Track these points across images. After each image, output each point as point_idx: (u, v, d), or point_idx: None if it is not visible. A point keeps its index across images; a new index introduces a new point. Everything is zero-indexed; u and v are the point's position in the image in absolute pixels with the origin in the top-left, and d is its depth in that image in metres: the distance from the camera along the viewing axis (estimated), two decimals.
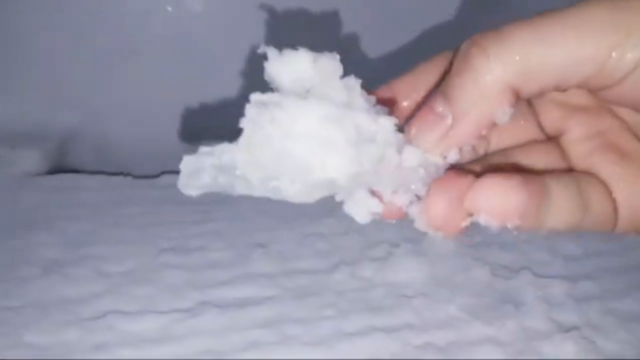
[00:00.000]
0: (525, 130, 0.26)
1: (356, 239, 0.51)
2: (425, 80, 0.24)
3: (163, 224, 0.55)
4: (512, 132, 0.26)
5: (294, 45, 0.23)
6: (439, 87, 0.22)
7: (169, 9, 0.79)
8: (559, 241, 0.50)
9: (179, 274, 0.45)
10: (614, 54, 0.18)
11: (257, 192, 0.21)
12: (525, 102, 0.26)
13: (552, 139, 0.26)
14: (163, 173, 0.70)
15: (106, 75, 0.78)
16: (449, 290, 0.42)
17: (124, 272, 0.45)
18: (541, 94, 0.21)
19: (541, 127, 0.26)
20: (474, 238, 0.50)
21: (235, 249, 0.49)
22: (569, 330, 0.36)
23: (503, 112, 0.20)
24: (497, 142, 0.26)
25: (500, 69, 0.19)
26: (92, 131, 0.79)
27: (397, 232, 0.52)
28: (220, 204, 0.61)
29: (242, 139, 0.21)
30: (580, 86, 0.20)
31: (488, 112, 0.20)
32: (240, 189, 0.22)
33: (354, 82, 0.22)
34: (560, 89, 0.21)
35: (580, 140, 0.24)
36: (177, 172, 0.72)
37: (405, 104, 0.25)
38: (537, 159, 0.25)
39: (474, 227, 0.49)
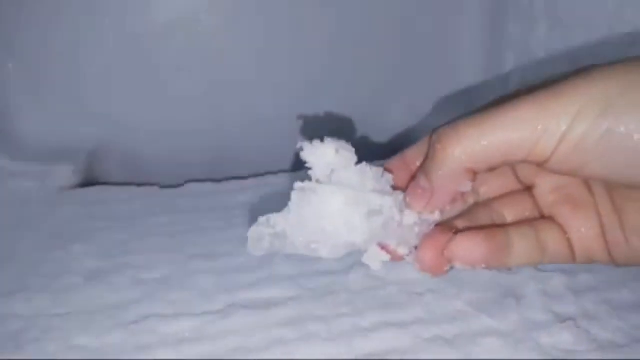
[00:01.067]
0: (507, 183, 0.34)
1: None
2: (414, 160, 0.33)
3: (191, 231, 0.59)
4: (497, 185, 0.35)
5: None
6: (422, 167, 0.30)
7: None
8: None
9: (208, 278, 0.49)
10: (537, 144, 0.25)
11: (301, 252, 0.31)
12: None
13: (528, 189, 0.34)
14: (187, 182, 0.74)
15: (131, 90, 0.82)
16: (457, 286, 0.45)
17: (159, 278, 0.50)
18: (493, 169, 0.28)
19: (519, 180, 0.34)
20: None
21: None
22: (565, 321, 0.39)
23: (465, 185, 0.29)
24: (485, 192, 0.34)
25: (457, 158, 0.27)
26: (118, 144, 0.83)
27: None
28: (240, 210, 0.65)
29: (291, 216, 0.30)
30: (523, 162, 0.27)
31: (454, 187, 0.29)
32: (289, 250, 0.32)
33: (365, 167, 0.31)
34: (508, 165, 0.28)
35: (545, 193, 0.32)
36: (200, 180, 0.76)
37: (414, 167, 0.33)
38: (515, 207, 0.34)
39: None
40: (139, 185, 0.74)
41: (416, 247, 0.32)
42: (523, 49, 0.77)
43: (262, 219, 0.31)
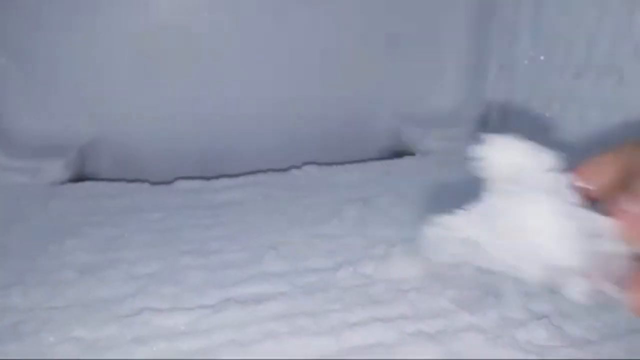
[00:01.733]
0: None
1: (357, 239, 0.57)
2: (608, 170, 0.26)
3: (181, 228, 0.61)
4: None
5: None
6: (635, 190, 0.25)
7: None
8: None
9: (200, 274, 0.50)
10: None
11: (498, 268, 0.26)
12: None
13: None
14: (177, 179, 0.76)
15: (124, 88, 0.83)
16: (441, 284, 0.47)
17: (151, 273, 0.51)
18: None
19: None
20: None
21: (249, 251, 0.55)
22: (540, 318, 0.42)
23: None
24: None
25: None
26: (110, 140, 0.84)
27: (394, 232, 0.57)
28: (228, 208, 0.67)
29: (483, 221, 0.26)
30: None
31: None
32: (482, 262, 0.27)
33: (561, 177, 0.25)
34: None
35: None
36: (190, 177, 0.77)
37: (592, 189, 0.27)
38: None
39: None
40: (130, 181, 0.75)
41: (623, 281, 0.26)
42: (507, 58, 0.80)
43: (440, 220, 0.27)
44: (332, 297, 0.46)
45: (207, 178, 0.78)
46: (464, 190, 0.28)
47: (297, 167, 0.81)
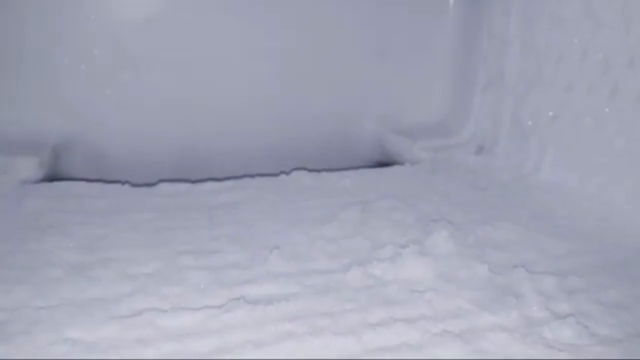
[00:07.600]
0: None
1: (362, 242, 0.55)
2: None
3: (175, 228, 0.57)
4: None
5: None
6: None
7: None
8: (545, 242, 0.55)
9: (202, 274, 0.47)
10: None
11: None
12: None
13: None
14: (160, 181, 0.72)
15: (100, 86, 0.79)
16: (455, 285, 0.46)
17: (149, 273, 0.48)
18: None
19: None
20: (468, 239, 0.54)
21: (250, 251, 0.52)
22: (565, 317, 0.41)
23: None
24: None
25: None
26: (84, 140, 0.79)
27: (399, 235, 0.56)
28: (221, 210, 0.64)
29: None
30: None
31: None
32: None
33: None
34: None
35: None
36: (174, 180, 0.74)
37: None
38: None
39: (467, 228, 0.54)
40: (108, 182, 0.71)
41: None
42: (495, 71, 0.81)
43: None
44: (346, 298, 0.44)
45: (192, 181, 0.74)
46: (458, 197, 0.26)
47: (286, 173, 0.79)
